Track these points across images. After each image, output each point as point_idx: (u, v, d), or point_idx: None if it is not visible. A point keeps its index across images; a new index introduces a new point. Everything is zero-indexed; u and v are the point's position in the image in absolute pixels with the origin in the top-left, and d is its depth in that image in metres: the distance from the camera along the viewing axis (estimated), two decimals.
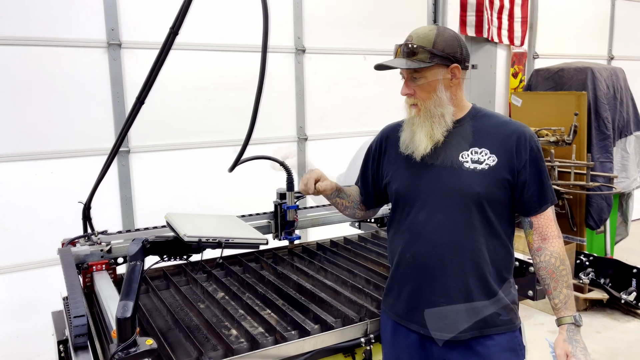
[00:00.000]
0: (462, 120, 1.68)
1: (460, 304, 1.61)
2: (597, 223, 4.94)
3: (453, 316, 1.62)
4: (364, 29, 4.72)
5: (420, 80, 1.63)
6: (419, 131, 1.65)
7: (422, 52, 1.60)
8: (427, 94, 1.63)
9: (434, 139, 1.63)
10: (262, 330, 1.84)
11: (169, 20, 1.87)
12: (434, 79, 1.62)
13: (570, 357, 1.59)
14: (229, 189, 4.09)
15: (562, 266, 1.63)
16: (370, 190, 1.95)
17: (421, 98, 1.64)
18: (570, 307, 1.63)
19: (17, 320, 3.49)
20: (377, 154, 1.89)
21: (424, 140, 1.64)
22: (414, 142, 1.66)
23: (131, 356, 1.30)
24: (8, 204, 3.39)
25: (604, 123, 4.91)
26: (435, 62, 1.60)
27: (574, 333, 1.61)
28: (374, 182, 1.92)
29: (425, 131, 1.64)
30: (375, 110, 4.82)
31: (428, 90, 1.63)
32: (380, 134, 1.92)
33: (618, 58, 6.79)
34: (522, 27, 5.92)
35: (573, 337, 1.61)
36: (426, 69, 1.61)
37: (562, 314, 1.64)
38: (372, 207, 2.02)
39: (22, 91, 3.36)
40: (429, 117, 1.63)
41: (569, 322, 1.62)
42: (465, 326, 1.61)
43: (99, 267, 2.12)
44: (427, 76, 1.62)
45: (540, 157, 1.63)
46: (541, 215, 1.65)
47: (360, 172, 2.00)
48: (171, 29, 1.87)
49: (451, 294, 1.62)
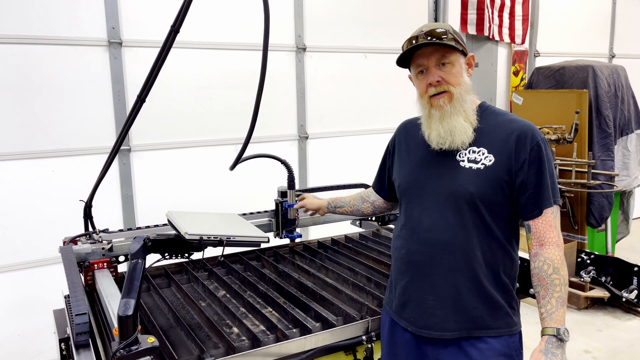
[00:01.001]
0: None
1: (448, 303, 1.59)
2: (598, 221, 4.94)
3: (441, 314, 1.60)
4: (365, 27, 4.71)
5: (448, 67, 1.59)
6: (456, 118, 1.58)
7: (449, 37, 1.57)
8: (457, 80, 1.60)
9: (474, 123, 1.60)
10: (263, 328, 1.85)
11: (170, 19, 1.87)
12: (459, 65, 1.61)
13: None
14: (230, 187, 4.09)
15: (554, 275, 1.53)
16: (385, 183, 1.99)
17: (451, 83, 1.59)
18: (557, 319, 1.51)
19: (19, 319, 3.50)
20: (393, 149, 1.89)
21: (465, 125, 1.58)
22: (453, 131, 1.58)
23: (133, 354, 1.30)
24: (9, 202, 3.39)
25: (605, 121, 4.90)
26: (460, 47, 1.59)
27: (554, 346, 1.49)
28: (389, 176, 1.94)
29: (463, 116, 1.58)
30: (376, 109, 4.82)
31: (457, 75, 1.60)
32: (397, 129, 1.91)
33: (619, 56, 6.78)
34: (523, 25, 5.91)
35: (551, 350, 1.48)
36: (455, 54, 1.59)
37: (545, 325, 1.52)
38: (387, 198, 2.05)
39: (23, 89, 3.36)
40: (462, 103, 1.59)
41: (551, 334, 1.50)
42: (453, 325, 1.59)
43: (100, 266, 2.12)
44: (454, 62, 1.59)
45: (542, 158, 1.56)
46: (539, 220, 1.57)
47: (379, 165, 2.03)
48: (172, 27, 1.87)
49: (440, 292, 1.60)
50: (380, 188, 2.05)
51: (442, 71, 1.60)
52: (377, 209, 2.12)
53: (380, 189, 2.04)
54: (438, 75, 1.59)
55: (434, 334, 1.61)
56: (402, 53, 1.64)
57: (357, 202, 2.16)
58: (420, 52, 1.61)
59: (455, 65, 1.60)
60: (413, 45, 1.58)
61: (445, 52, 1.59)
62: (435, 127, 1.62)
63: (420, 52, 1.61)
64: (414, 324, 1.65)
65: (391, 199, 2.05)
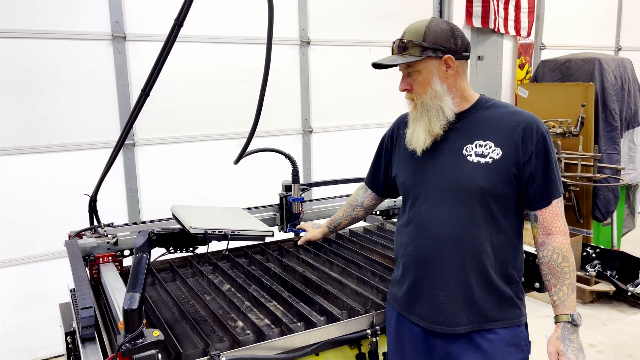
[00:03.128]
0: (467, 112, 1.65)
1: (459, 298, 1.60)
2: (604, 215, 4.92)
3: (452, 309, 1.60)
4: (369, 21, 4.69)
5: (415, 75, 1.63)
6: (418, 126, 1.65)
7: (413, 47, 1.60)
8: (423, 88, 1.63)
9: (432, 133, 1.63)
10: (268, 322, 1.85)
11: (173, 13, 1.87)
12: (427, 72, 1.61)
13: (561, 356, 1.55)
14: (235, 181, 4.10)
15: (564, 263, 1.59)
16: (381, 179, 1.99)
17: (417, 92, 1.64)
18: (569, 305, 1.58)
19: (25, 313, 3.52)
20: (389, 144, 1.90)
21: (422, 135, 1.64)
22: (414, 137, 1.66)
23: (138, 347, 1.31)
24: (15, 197, 3.41)
25: (612, 114, 4.87)
26: (426, 54, 1.59)
27: (570, 332, 1.56)
28: (386, 172, 1.94)
29: (423, 126, 1.64)
30: (380, 102, 4.81)
31: (423, 84, 1.62)
32: (393, 124, 1.92)
33: (626, 49, 6.73)
34: (529, 18, 5.87)
35: (567, 336, 1.56)
36: (419, 63, 1.61)
37: (559, 312, 1.59)
38: (380, 194, 2.06)
39: (28, 84, 3.36)
40: (426, 111, 1.63)
41: (565, 321, 1.57)
42: (464, 320, 1.60)
43: (105, 259, 2.13)
44: (421, 70, 1.61)
45: (547, 149, 1.58)
46: (546, 210, 1.60)
47: (372, 162, 2.02)
48: (176, 21, 1.87)
49: (451, 287, 1.60)
50: (374, 184, 2.04)
51: (410, 78, 1.65)
52: (368, 208, 2.14)
53: (375, 185, 2.04)
54: (407, 82, 1.66)
55: (447, 329, 1.61)
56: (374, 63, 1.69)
57: (349, 212, 2.19)
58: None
59: (423, 72, 1.61)
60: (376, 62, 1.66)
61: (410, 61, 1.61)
62: (410, 127, 1.71)
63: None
64: (425, 319, 1.65)
65: (385, 195, 2.05)
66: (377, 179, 2.01)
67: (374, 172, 2.02)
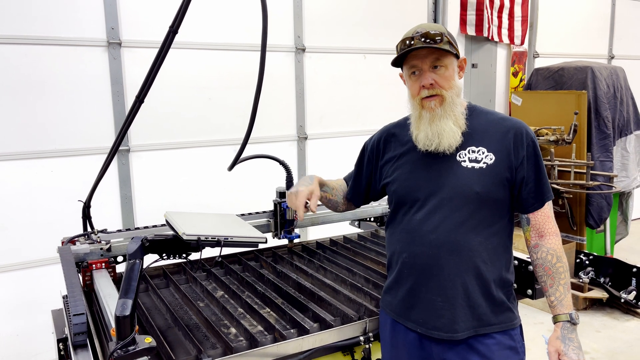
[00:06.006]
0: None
1: (457, 303, 1.60)
2: (597, 222, 4.94)
3: (450, 315, 1.61)
4: (364, 28, 4.71)
5: (441, 70, 1.60)
6: (446, 121, 1.60)
7: (444, 40, 1.58)
8: (449, 83, 1.61)
9: (462, 127, 1.62)
10: (261, 328, 1.85)
11: (168, 19, 1.87)
12: (452, 68, 1.62)
13: (561, 356, 1.58)
14: (229, 187, 4.09)
15: (558, 263, 1.62)
16: (362, 190, 1.95)
17: (443, 87, 1.60)
18: (567, 304, 1.62)
19: (17, 319, 3.50)
20: (373, 155, 1.87)
21: (454, 129, 1.60)
22: (441, 134, 1.59)
23: (130, 354, 1.30)
24: (8, 202, 3.39)
25: (604, 122, 4.90)
26: (454, 51, 1.60)
27: (569, 331, 1.60)
28: (369, 183, 1.91)
29: (452, 120, 1.60)
30: (375, 109, 4.82)
31: (449, 79, 1.61)
32: (378, 134, 1.89)
33: (618, 57, 6.78)
34: (523, 26, 5.92)
35: (567, 336, 1.59)
36: (449, 57, 1.60)
37: (557, 312, 1.63)
38: (358, 205, 2.03)
39: (22, 90, 3.36)
40: (453, 107, 1.61)
41: (564, 320, 1.61)
42: (462, 326, 1.60)
43: (98, 266, 2.12)
44: (447, 65, 1.60)
45: (537, 153, 1.62)
46: (539, 212, 1.64)
47: (354, 172, 1.99)
48: (171, 28, 1.87)
49: (448, 293, 1.61)
50: (355, 196, 1.98)
51: (436, 74, 1.61)
52: (347, 208, 2.07)
53: (355, 197, 1.98)
54: (431, 78, 1.60)
55: (444, 335, 1.61)
56: (397, 55, 1.64)
57: (339, 194, 2.01)
58: (415, 53, 1.61)
59: (449, 68, 1.61)
60: (409, 48, 1.59)
61: (440, 55, 1.59)
62: (424, 128, 1.63)
63: (414, 53, 1.61)
64: (423, 325, 1.65)
65: (360, 205, 2.02)
66: (359, 190, 1.96)
67: (355, 185, 1.97)
